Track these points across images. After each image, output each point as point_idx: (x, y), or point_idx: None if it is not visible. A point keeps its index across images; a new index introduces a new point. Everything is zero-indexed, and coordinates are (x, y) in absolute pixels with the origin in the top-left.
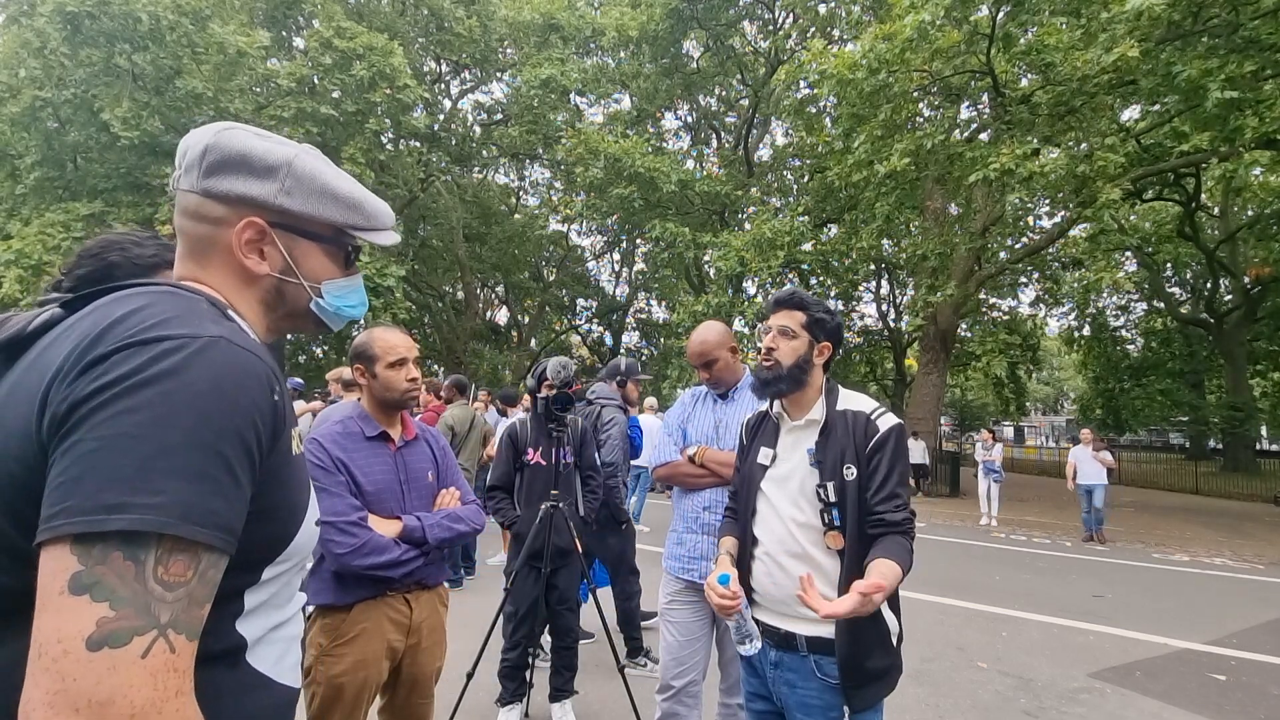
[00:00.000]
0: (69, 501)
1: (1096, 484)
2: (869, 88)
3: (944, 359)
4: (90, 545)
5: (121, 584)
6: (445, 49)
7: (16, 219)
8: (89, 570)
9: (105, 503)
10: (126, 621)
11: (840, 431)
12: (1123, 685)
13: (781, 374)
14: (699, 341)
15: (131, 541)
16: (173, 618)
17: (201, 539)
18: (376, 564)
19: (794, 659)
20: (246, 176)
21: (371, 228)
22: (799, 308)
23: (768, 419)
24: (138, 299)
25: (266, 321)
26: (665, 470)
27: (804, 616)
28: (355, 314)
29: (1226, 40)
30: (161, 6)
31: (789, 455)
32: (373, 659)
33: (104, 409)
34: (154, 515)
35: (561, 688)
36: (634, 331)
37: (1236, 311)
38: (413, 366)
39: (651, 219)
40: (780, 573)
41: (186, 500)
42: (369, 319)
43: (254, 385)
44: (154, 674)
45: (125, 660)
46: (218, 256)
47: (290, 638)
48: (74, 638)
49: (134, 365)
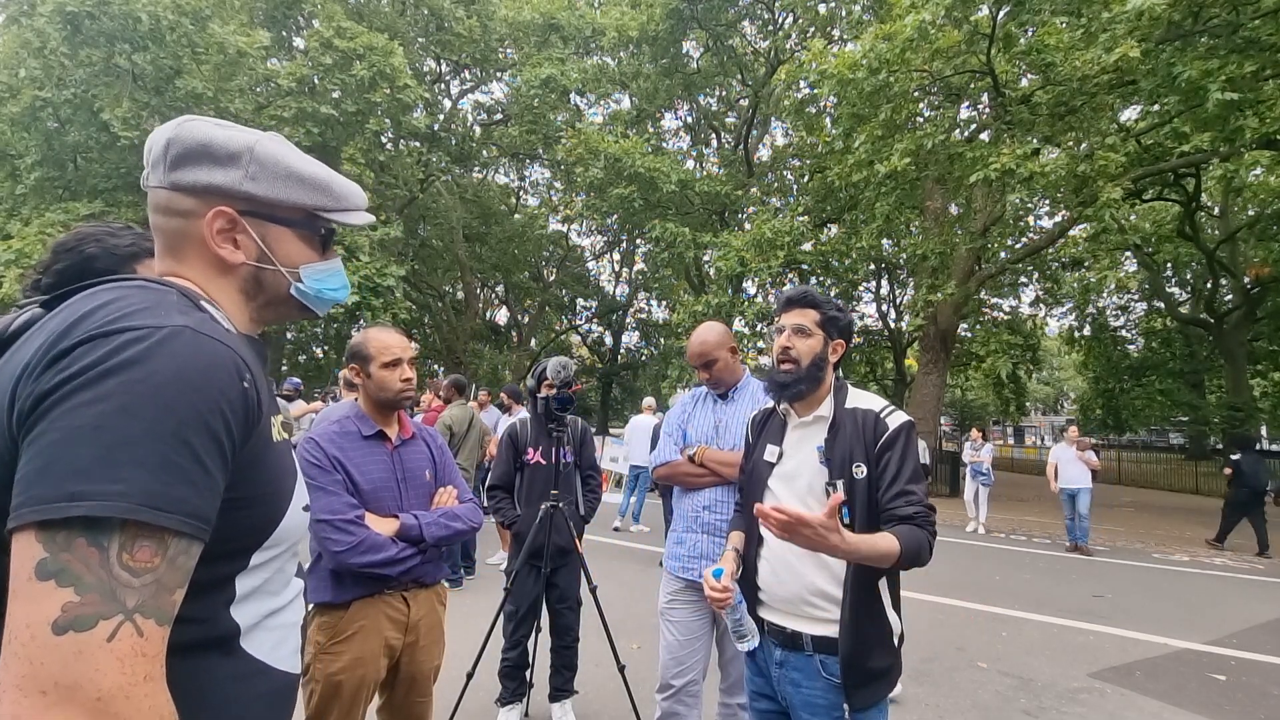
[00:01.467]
0: (34, 490)
1: (1081, 488)
2: (869, 88)
3: (944, 359)
4: (55, 532)
5: (86, 570)
6: (445, 49)
7: (16, 219)
8: (54, 557)
9: (68, 490)
10: (91, 607)
11: (849, 429)
12: (1123, 685)
13: (801, 375)
14: (699, 342)
15: (95, 528)
16: (140, 603)
17: (167, 524)
18: (373, 562)
19: (799, 658)
20: (210, 166)
21: (341, 208)
22: (812, 306)
23: (774, 415)
24: (106, 294)
25: (248, 311)
26: (665, 470)
27: (810, 616)
28: (338, 297)
29: (1227, 40)
30: (161, 6)
31: (795, 452)
32: (370, 657)
33: (67, 400)
34: (116, 502)
35: (561, 688)
36: (634, 331)
37: (1236, 311)
38: (407, 367)
39: (651, 219)
40: (787, 571)
41: (149, 487)
42: (369, 319)
43: (220, 373)
44: (121, 659)
45: (91, 645)
46: (192, 249)
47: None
48: (41, 623)
49: (96, 356)
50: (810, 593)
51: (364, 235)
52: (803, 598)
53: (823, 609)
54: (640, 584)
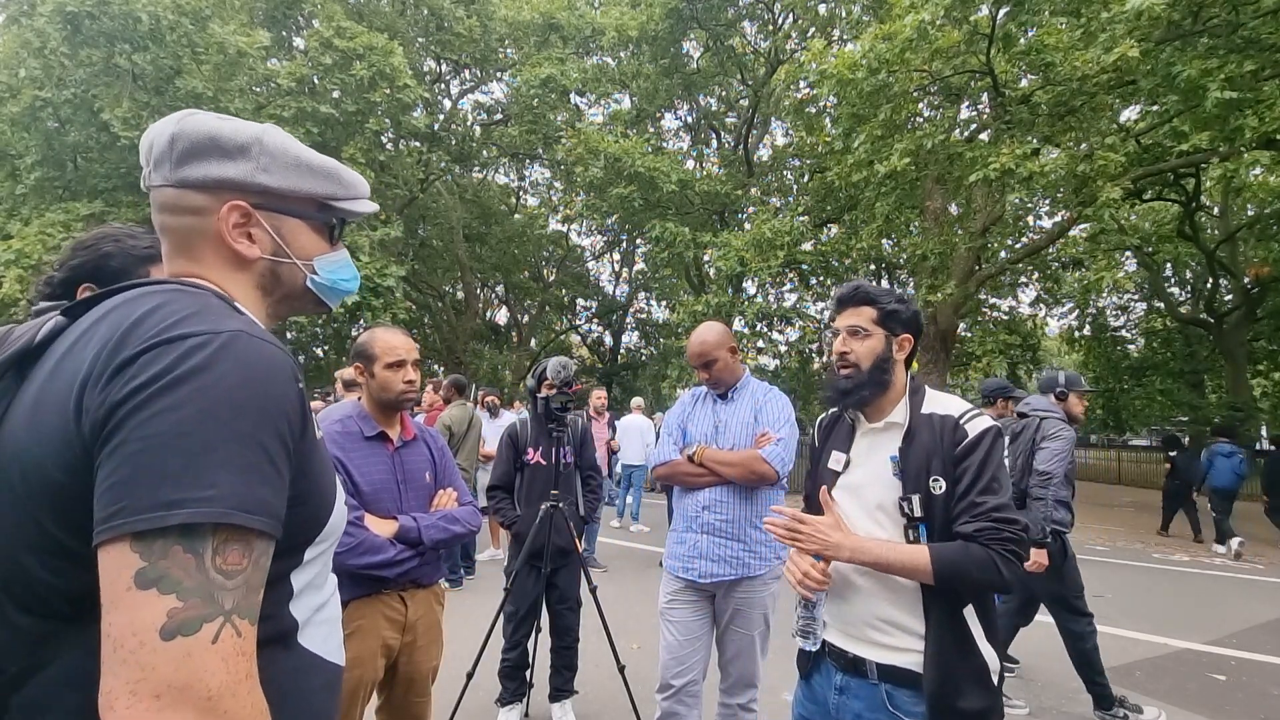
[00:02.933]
0: (124, 501)
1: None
2: (869, 88)
3: (944, 359)
4: (151, 541)
5: (186, 576)
6: (445, 49)
7: (16, 219)
8: (153, 565)
9: (161, 499)
10: (195, 610)
11: (926, 437)
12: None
13: (863, 380)
14: (699, 342)
15: (190, 534)
16: (235, 604)
17: (254, 526)
18: (371, 563)
19: (862, 685)
20: (220, 159)
21: (351, 196)
22: (867, 302)
23: (842, 420)
24: (151, 299)
25: (265, 306)
26: (665, 470)
27: (875, 641)
28: (351, 287)
29: (1226, 40)
30: (161, 6)
31: (864, 461)
32: (368, 657)
33: (142, 409)
34: (210, 507)
35: (561, 688)
36: (634, 331)
37: (1236, 311)
38: (411, 369)
39: (651, 219)
40: (851, 591)
41: (237, 491)
42: (369, 319)
43: (280, 376)
44: (225, 658)
45: (198, 647)
46: (207, 247)
47: (332, 619)
48: (148, 629)
49: (165, 364)
50: (876, 617)
51: (364, 235)
52: (866, 621)
53: (891, 635)
54: (640, 584)
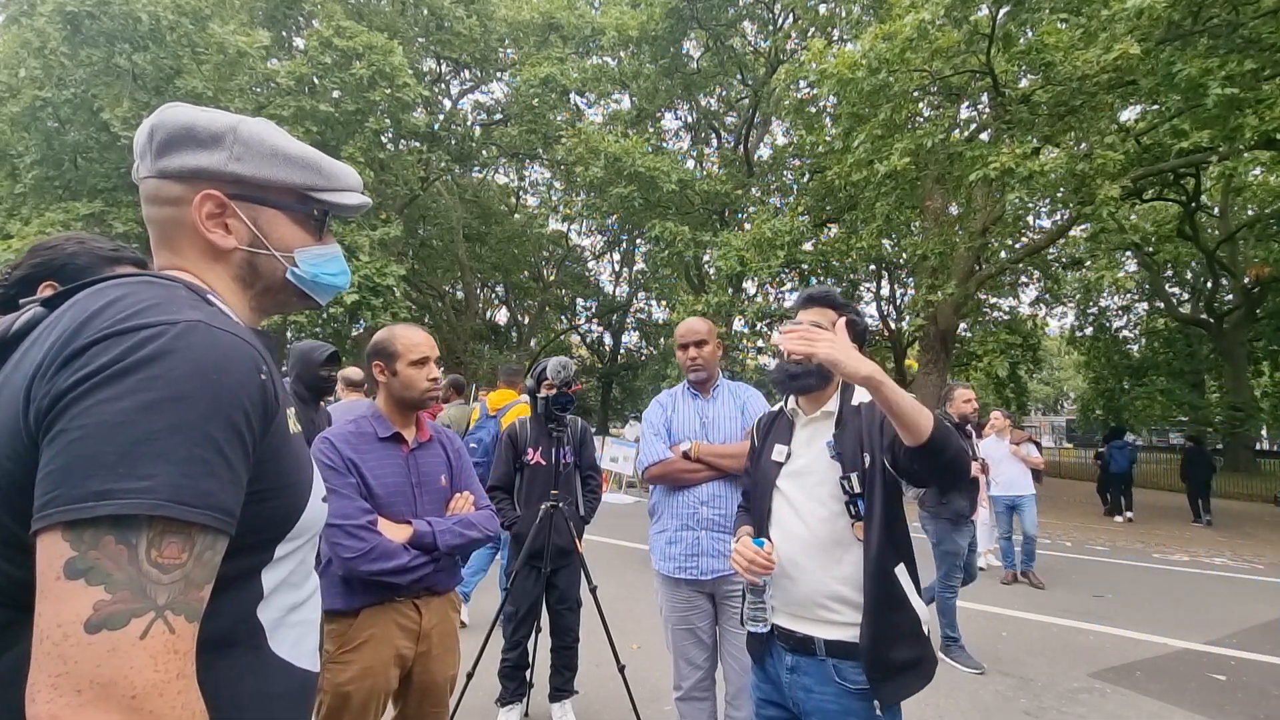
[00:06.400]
0: (58, 490)
1: (1023, 496)
2: (869, 87)
3: (944, 359)
4: (82, 531)
5: (116, 567)
6: (445, 48)
7: (16, 219)
8: (83, 555)
9: (93, 489)
10: (123, 604)
11: (854, 423)
12: (1123, 685)
13: (811, 370)
14: (690, 323)
15: (122, 525)
16: (170, 599)
17: (194, 519)
18: (384, 570)
19: (811, 663)
20: (194, 149)
21: (333, 187)
22: (832, 306)
23: (780, 416)
24: (115, 290)
25: (246, 300)
26: (658, 469)
27: (822, 620)
28: (339, 283)
29: (1226, 40)
30: (161, 6)
31: (805, 450)
32: (380, 666)
33: (85, 398)
34: (142, 498)
35: (561, 688)
36: (634, 331)
37: (1236, 311)
38: (434, 366)
39: (651, 219)
40: (797, 572)
41: (175, 483)
42: (368, 319)
43: (237, 367)
44: (154, 655)
45: (125, 642)
46: (185, 238)
47: (308, 621)
48: (73, 621)
49: (114, 355)
50: (823, 595)
51: (364, 235)
52: (814, 600)
53: (836, 611)
54: (640, 584)
